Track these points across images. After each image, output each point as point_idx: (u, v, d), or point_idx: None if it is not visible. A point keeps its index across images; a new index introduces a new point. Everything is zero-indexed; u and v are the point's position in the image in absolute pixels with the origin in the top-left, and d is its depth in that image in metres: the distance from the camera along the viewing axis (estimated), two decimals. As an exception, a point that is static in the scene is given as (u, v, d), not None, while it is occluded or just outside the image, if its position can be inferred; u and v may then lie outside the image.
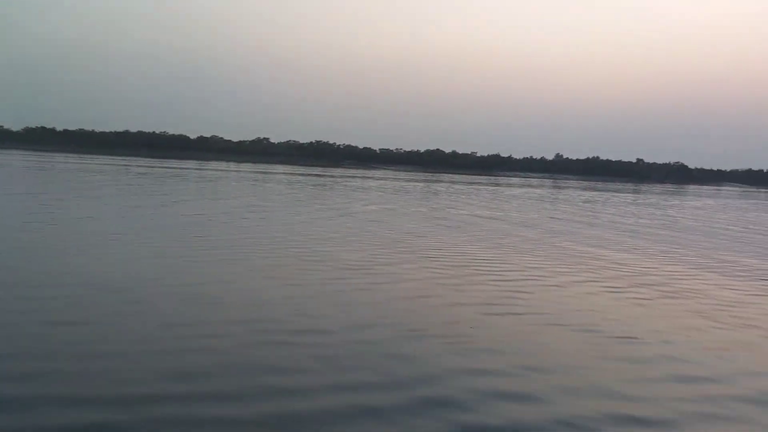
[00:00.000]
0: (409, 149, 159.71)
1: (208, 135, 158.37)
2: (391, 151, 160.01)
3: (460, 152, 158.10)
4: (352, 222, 21.65)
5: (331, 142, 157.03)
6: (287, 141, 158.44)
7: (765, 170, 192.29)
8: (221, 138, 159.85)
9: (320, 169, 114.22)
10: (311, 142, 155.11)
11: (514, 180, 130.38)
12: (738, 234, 26.00)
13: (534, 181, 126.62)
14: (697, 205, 53.25)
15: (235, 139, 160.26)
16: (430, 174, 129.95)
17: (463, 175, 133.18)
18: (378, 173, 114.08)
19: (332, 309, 8.91)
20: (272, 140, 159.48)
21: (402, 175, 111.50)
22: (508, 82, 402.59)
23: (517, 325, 8.64)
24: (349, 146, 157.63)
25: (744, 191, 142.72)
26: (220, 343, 7.04)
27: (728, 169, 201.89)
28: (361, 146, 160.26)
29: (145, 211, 21.46)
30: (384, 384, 6.11)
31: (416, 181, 77.89)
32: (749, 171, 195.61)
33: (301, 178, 63.30)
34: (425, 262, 13.70)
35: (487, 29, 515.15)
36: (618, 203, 47.60)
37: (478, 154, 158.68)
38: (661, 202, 54.88)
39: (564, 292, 11.08)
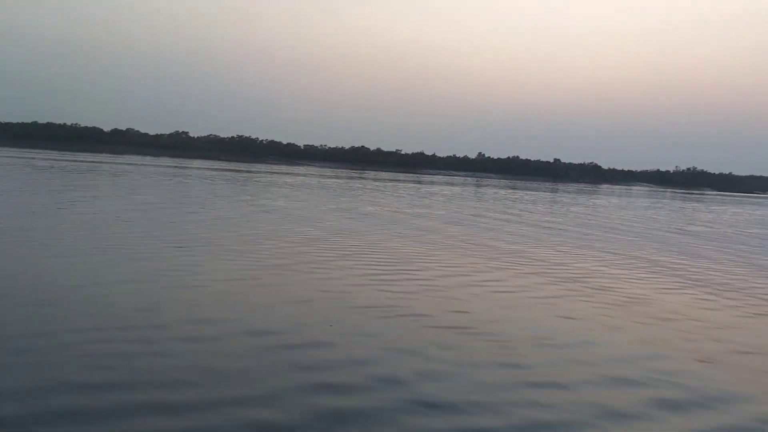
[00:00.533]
0: (334, 146, 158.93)
1: (123, 128, 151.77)
2: (316, 147, 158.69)
3: (385, 150, 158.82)
4: (264, 218, 20.92)
5: (254, 137, 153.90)
6: (208, 135, 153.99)
7: (671, 171, 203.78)
8: (137, 131, 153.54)
9: (241, 164, 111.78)
10: (233, 137, 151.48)
11: (437, 178, 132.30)
12: (625, 228, 27.02)
13: (457, 179, 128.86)
14: (600, 203, 55.36)
15: (152, 133, 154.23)
16: (355, 171, 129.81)
17: (388, 173, 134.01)
18: (302, 169, 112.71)
19: (183, 310, 8.21)
20: (192, 134, 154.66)
21: (327, 171, 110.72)
22: (433, 82, 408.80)
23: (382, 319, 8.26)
24: (272, 142, 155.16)
25: (651, 190, 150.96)
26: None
27: (638, 170, 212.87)
28: (285, 142, 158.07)
29: None
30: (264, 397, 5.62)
31: (338, 177, 77.30)
32: (657, 171, 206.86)
33: (214, 173, 61.37)
34: (319, 259, 13.16)
35: (412, 27, 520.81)
36: (527, 200, 48.80)
37: (403, 152, 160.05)
38: (563, 199, 56.80)
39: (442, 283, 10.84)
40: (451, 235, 19.98)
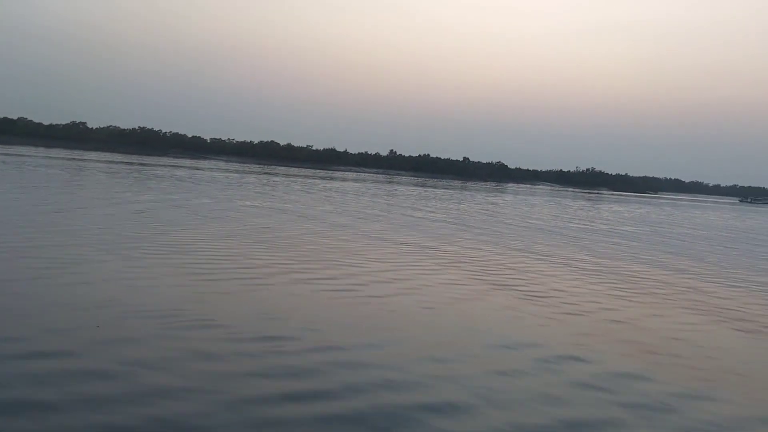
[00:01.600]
0: (242, 140, 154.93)
1: (14, 117, 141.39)
2: (223, 141, 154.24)
3: (296, 145, 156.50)
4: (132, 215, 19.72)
5: (156, 129, 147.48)
6: (107, 126, 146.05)
7: (572, 171, 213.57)
8: (30, 120, 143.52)
9: (142, 157, 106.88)
10: (134, 129, 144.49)
11: (349, 174, 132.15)
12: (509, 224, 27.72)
13: (368, 176, 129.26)
14: (493, 200, 56.87)
15: (46, 123, 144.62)
16: (263, 166, 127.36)
17: (299, 168, 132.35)
18: (207, 164, 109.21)
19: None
20: (90, 125, 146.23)
21: (234, 166, 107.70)
22: (346, 79, 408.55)
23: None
24: (177, 134, 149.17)
25: (554, 189, 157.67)
26: None
27: (543, 170, 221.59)
28: (190, 135, 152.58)
29: None
30: None
31: (244, 172, 75.33)
32: (560, 172, 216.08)
33: (101, 165, 58.15)
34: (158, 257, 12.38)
35: (325, 23, 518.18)
36: (428, 197, 49.37)
37: (314, 148, 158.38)
38: (458, 196, 58.02)
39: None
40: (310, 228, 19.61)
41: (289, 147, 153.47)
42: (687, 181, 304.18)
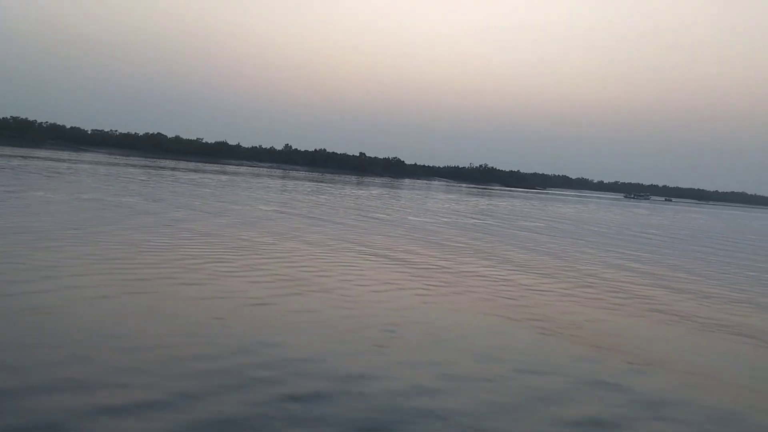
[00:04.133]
0: (127, 131, 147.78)
1: None
2: (105, 132, 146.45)
3: (185, 138, 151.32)
4: None
5: (31, 119, 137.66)
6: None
7: (466, 167, 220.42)
8: None
9: (14, 149, 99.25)
10: (5, 118, 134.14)
11: (242, 169, 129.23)
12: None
13: (262, 170, 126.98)
14: (360, 194, 57.47)
15: None
16: (149, 159, 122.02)
17: (187, 162, 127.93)
18: (89, 156, 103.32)
19: None
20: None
21: (117, 159, 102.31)
22: (240, 71, 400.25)
23: None
24: (54, 125, 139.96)
25: (449, 185, 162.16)
26: None
27: (440, 166, 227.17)
28: (69, 126, 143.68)
29: None
30: None
31: (111, 164, 71.64)
32: (455, 168, 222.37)
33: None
34: None
35: (220, 15, 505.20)
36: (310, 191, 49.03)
37: (204, 141, 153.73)
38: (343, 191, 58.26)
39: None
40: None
41: (177, 139, 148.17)
42: (574, 177, 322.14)
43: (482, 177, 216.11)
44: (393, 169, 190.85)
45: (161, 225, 18.69)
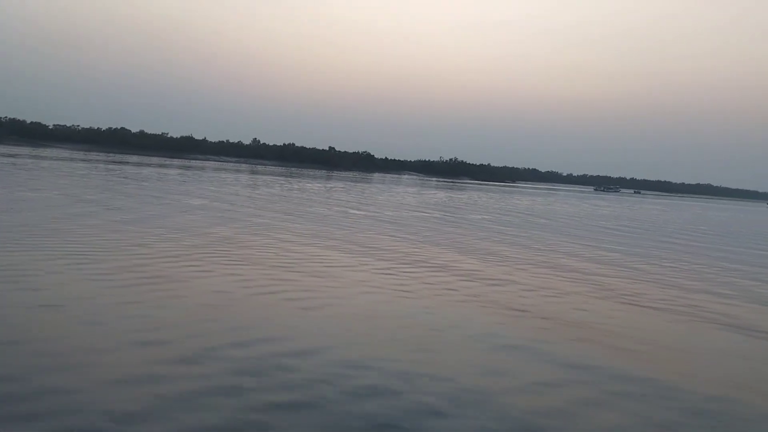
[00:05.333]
0: (89, 126, 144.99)
1: None
2: (68, 127, 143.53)
3: (150, 132, 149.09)
4: None
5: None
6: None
7: (436, 161, 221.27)
8: None
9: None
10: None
11: (208, 164, 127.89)
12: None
13: (228, 165, 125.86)
14: (315, 187, 57.34)
15: None
16: (111, 155, 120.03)
17: (151, 157, 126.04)
18: (47, 152, 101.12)
19: None
20: None
21: (79, 155, 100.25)
22: (205, 64, 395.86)
23: None
24: (14, 120, 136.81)
25: (419, 179, 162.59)
26: None
27: (411, 160, 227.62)
28: (29, 120, 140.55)
29: None
30: None
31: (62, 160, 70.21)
32: (425, 162, 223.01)
33: None
34: None
35: (186, 4, 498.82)
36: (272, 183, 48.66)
37: (170, 135, 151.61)
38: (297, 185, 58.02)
39: None
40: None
41: (141, 134, 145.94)
42: (544, 171, 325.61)
43: (452, 171, 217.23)
44: (363, 164, 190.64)
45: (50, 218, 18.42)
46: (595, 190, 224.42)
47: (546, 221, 36.33)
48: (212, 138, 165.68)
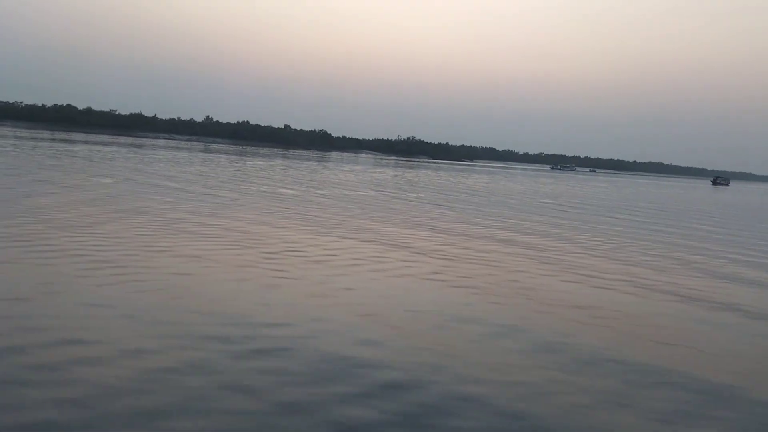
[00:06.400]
0: (32, 103, 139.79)
1: None
2: (10, 104, 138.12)
3: (97, 110, 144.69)
4: None
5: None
6: None
7: (393, 140, 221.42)
8: None
9: None
10: None
11: (159, 142, 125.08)
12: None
13: (181, 143, 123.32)
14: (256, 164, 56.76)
15: None
16: (56, 132, 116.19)
17: (101, 135, 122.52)
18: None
19: None
20: None
21: (23, 133, 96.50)
22: (156, 39, 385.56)
23: None
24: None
25: (377, 157, 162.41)
26: None
27: (370, 138, 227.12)
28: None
29: None
30: None
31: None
32: (382, 140, 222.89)
33: None
34: None
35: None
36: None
37: (118, 113, 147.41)
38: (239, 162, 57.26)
39: None
40: None
41: (88, 111, 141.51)
42: (501, 149, 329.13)
43: (410, 149, 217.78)
44: (320, 142, 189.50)
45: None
46: (552, 168, 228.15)
47: (470, 197, 36.82)
48: (163, 115, 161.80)
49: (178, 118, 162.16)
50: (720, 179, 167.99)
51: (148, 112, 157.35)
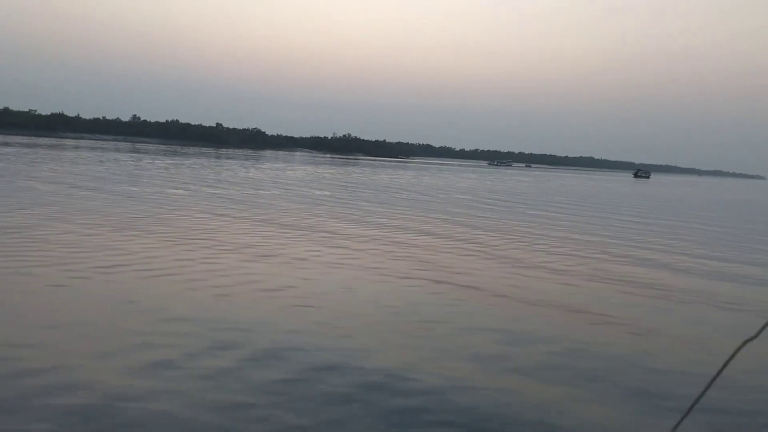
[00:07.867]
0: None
1: None
2: None
3: (15, 110, 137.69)
4: None
5: None
6: None
7: (329, 137, 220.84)
8: None
9: None
10: None
11: (83, 143, 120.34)
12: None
13: (107, 144, 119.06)
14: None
15: None
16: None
17: (19, 137, 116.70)
18: None
19: None
20: None
21: None
22: (80, 32, 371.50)
23: None
24: None
25: (311, 155, 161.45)
26: None
27: (305, 136, 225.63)
28: None
29: None
30: None
31: None
32: (319, 138, 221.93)
33: None
34: None
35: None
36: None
37: (38, 113, 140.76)
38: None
39: None
40: None
41: (5, 111, 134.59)
42: (437, 146, 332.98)
43: (346, 147, 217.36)
44: (253, 140, 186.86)
45: None
46: (489, 164, 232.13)
47: (374, 193, 37.18)
48: (86, 115, 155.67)
49: (103, 117, 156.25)
50: (641, 172, 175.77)
51: (71, 112, 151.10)
